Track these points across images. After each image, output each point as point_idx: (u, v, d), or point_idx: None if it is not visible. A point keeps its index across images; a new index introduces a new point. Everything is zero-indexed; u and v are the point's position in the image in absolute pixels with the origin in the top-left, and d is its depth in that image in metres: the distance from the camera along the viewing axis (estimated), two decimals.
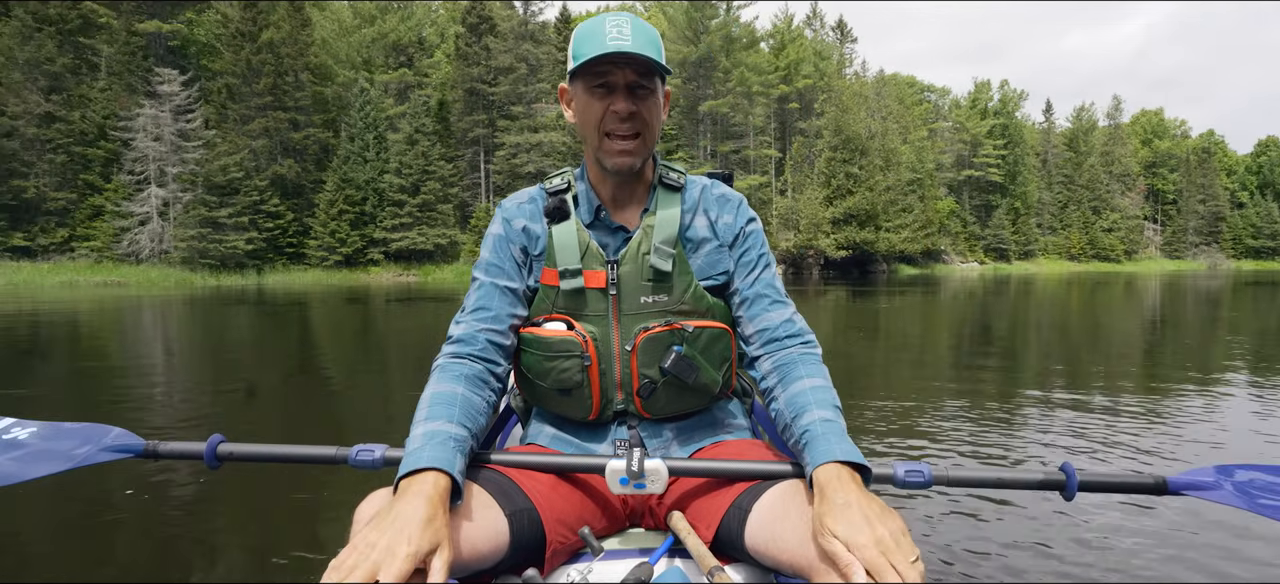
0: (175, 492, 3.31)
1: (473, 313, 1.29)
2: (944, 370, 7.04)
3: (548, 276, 1.30)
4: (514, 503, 1.08)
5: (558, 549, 1.12)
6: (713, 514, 1.13)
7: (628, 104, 1.23)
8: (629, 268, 1.28)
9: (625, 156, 1.26)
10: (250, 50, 40.37)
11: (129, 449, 1.29)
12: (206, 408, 5.31)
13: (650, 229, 1.29)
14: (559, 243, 1.29)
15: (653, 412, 1.30)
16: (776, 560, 1.01)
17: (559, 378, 1.27)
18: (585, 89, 1.25)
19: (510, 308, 1.30)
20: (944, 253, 61.33)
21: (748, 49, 53.09)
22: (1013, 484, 1.16)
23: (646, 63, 1.22)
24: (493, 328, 1.27)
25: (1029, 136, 74.02)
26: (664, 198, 1.32)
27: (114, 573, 2.51)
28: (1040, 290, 25.71)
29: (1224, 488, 1.12)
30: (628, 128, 1.24)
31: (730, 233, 1.35)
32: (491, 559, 1.03)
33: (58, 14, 37.60)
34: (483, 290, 1.30)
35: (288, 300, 20.91)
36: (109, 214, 37.36)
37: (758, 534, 1.04)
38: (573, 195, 1.34)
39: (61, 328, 12.52)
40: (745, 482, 1.13)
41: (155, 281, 33.92)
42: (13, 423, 1.35)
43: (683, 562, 1.11)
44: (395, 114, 45.54)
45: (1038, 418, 4.74)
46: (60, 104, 36.94)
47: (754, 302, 1.33)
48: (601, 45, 1.19)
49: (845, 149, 50.61)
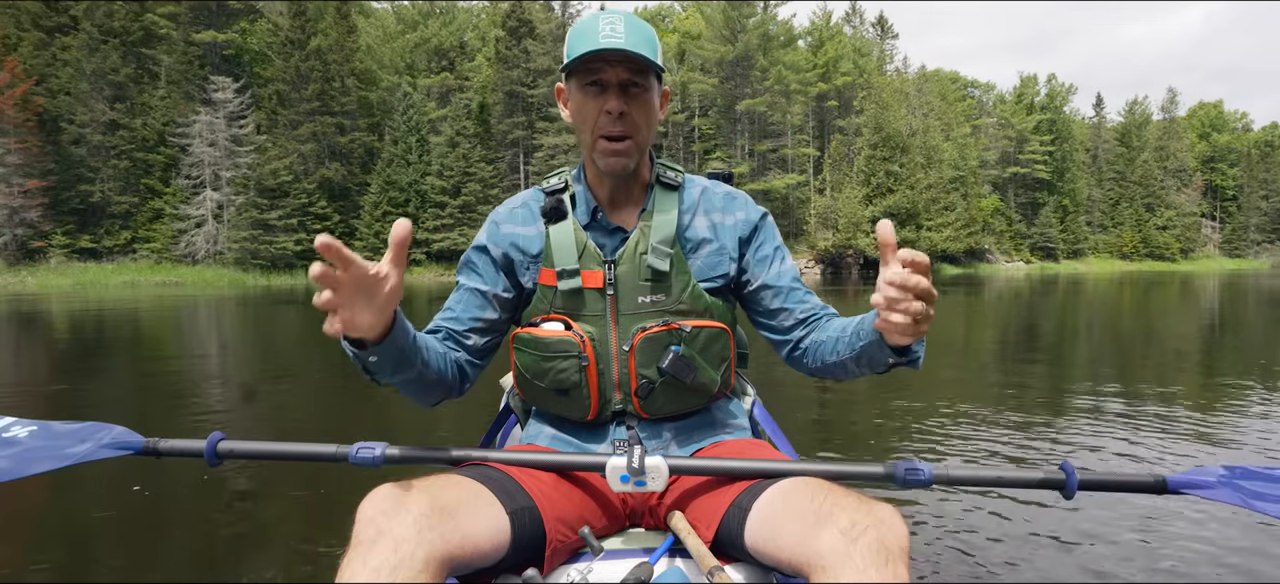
0: (175, 490, 3.32)
1: (444, 312, 1.37)
2: (981, 371, 6.95)
3: (545, 277, 1.30)
4: (515, 501, 1.09)
5: (558, 548, 1.12)
6: (713, 514, 1.13)
7: (620, 102, 1.23)
8: (626, 268, 1.28)
9: (617, 157, 1.25)
10: (299, 57, 41.79)
11: (129, 447, 1.28)
12: (257, 404, 5.65)
13: (647, 229, 1.29)
14: (556, 243, 1.29)
15: (651, 412, 1.30)
16: (776, 560, 1.01)
17: (557, 378, 1.27)
18: (579, 87, 1.25)
19: (476, 310, 1.35)
20: (988, 252, 60.04)
21: (785, 47, 52.74)
22: (1013, 483, 1.16)
23: (638, 61, 1.21)
24: (452, 327, 1.35)
25: (1078, 132, 71.95)
26: (661, 198, 1.32)
27: (114, 573, 2.49)
28: (1090, 290, 24.79)
29: (1224, 487, 1.11)
30: (620, 127, 1.24)
31: (742, 230, 1.36)
32: (493, 557, 1.03)
33: (122, 26, 39.48)
34: (456, 293, 1.38)
35: None
36: (168, 217, 39.14)
37: (758, 534, 1.04)
38: (570, 196, 1.35)
39: (124, 327, 13.32)
40: (745, 481, 1.13)
41: (210, 281, 35.41)
42: (12, 422, 1.34)
43: (683, 561, 1.11)
44: (437, 117, 46.57)
45: (1077, 422, 4.54)
46: (123, 112, 38.82)
47: (788, 292, 1.36)
48: (594, 42, 1.19)
49: (885, 146, 49.95)
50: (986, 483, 1.15)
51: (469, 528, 0.98)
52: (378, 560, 0.87)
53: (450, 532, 0.94)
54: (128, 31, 39.77)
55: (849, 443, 4.20)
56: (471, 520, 0.99)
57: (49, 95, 37.20)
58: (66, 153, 37.51)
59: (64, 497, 3.20)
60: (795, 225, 52.12)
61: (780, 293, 1.36)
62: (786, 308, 1.36)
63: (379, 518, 0.91)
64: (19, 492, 3.19)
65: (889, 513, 0.92)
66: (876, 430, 4.43)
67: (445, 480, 1.04)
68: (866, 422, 4.69)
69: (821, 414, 4.90)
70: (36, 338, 11.34)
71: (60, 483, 3.25)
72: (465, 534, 0.97)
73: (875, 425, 4.56)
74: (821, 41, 57.69)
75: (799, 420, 4.67)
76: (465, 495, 1.02)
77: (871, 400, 5.30)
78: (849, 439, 4.30)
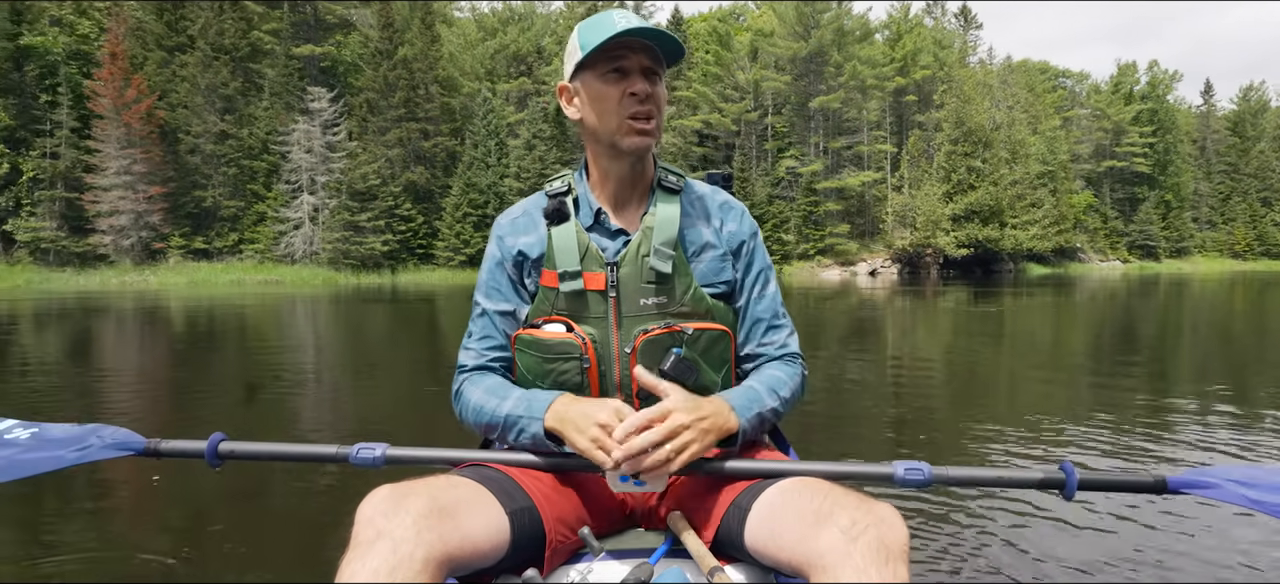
0: (175, 490, 3.37)
1: (479, 340, 1.36)
2: (1071, 376, 6.72)
3: (547, 279, 1.31)
4: (515, 501, 1.10)
5: (558, 548, 1.13)
6: (712, 514, 1.14)
7: (645, 85, 1.25)
8: (628, 270, 1.28)
9: (644, 137, 1.27)
10: (387, 67, 44.30)
11: (129, 447, 1.29)
12: (350, 406, 6.19)
13: (650, 231, 1.29)
14: (558, 245, 1.30)
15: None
16: (776, 560, 1.01)
17: (558, 380, 1.27)
18: (598, 77, 1.26)
19: (512, 331, 1.35)
20: (1080, 251, 57.04)
21: (861, 42, 51.73)
22: (1012, 483, 1.17)
23: (663, 42, 1.26)
24: (502, 355, 1.35)
25: (1183, 122, 67.28)
26: (663, 200, 1.33)
27: (115, 574, 2.51)
28: (1196, 291, 23.13)
29: (1224, 487, 1.11)
30: (646, 108, 1.26)
31: (733, 242, 1.37)
32: (492, 557, 1.03)
33: (231, 43, 42.96)
34: (485, 319, 1.36)
35: (417, 297, 22.99)
36: (270, 220, 42.28)
37: (757, 534, 1.05)
38: (573, 198, 1.35)
39: (230, 320, 14.80)
40: (745, 481, 1.14)
41: (306, 280, 38.12)
42: (14, 424, 1.35)
43: (683, 562, 1.11)
44: (515, 121, 48.22)
45: (1177, 431, 4.28)
46: (232, 123, 42.23)
47: (754, 325, 1.37)
48: (613, 29, 1.21)
49: (966, 141, 48.26)
50: (986, 483, 1.17)
51: (468, 528, 0.99)
52: (376, 561, 0.88)
53: (449, 532, 0.95)
54: (237, 48, 43.19)
55: (849, 445, 4.23)
56: (471, 521, 1.00)
57: (169, 109, 40.95)
58: (183, 161, 41.24)
59: (64, 497, 3.22)
60: (871, 224, 51.10)
61: (747, 325, 1.38)
62: (743, 336, 1.38)
63: (377, 519, 0.93)
64: (20, 492, 3.22)
65: (889, 512, 0.93)
66: (876, 432, 4.48)
67: (444, 481, 1.05)
68: (867, 423, 4.75)
69: (821, 415, 4.91)
70: (159, 331, 12.85)
71: (61, 483, 3.28)
72: (464, 535, 0.98)
73: (874, 426, 4.61)
74: (900, 35, 56.17)
75: (799, 421, 4.59)
76: (464, 496, 1.03)
77: (870, 401, 5.33)
78: (849, 440, 4.34)
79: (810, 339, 10.68)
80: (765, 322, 1.37)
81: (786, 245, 46.61)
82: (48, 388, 6.51)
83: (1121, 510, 2.87)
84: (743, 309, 1.37)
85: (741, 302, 1.37)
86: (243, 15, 44.08)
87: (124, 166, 38.40)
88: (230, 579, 2.43)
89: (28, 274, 36.01)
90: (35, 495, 3.21)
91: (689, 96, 49.66)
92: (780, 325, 1.39)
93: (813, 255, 47.01)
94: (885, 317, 14.86)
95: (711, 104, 50.30)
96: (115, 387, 6.69)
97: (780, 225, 47.19)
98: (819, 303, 19.17)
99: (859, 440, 4.35)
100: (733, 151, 49.70)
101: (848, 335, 11.07)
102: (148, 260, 39.28)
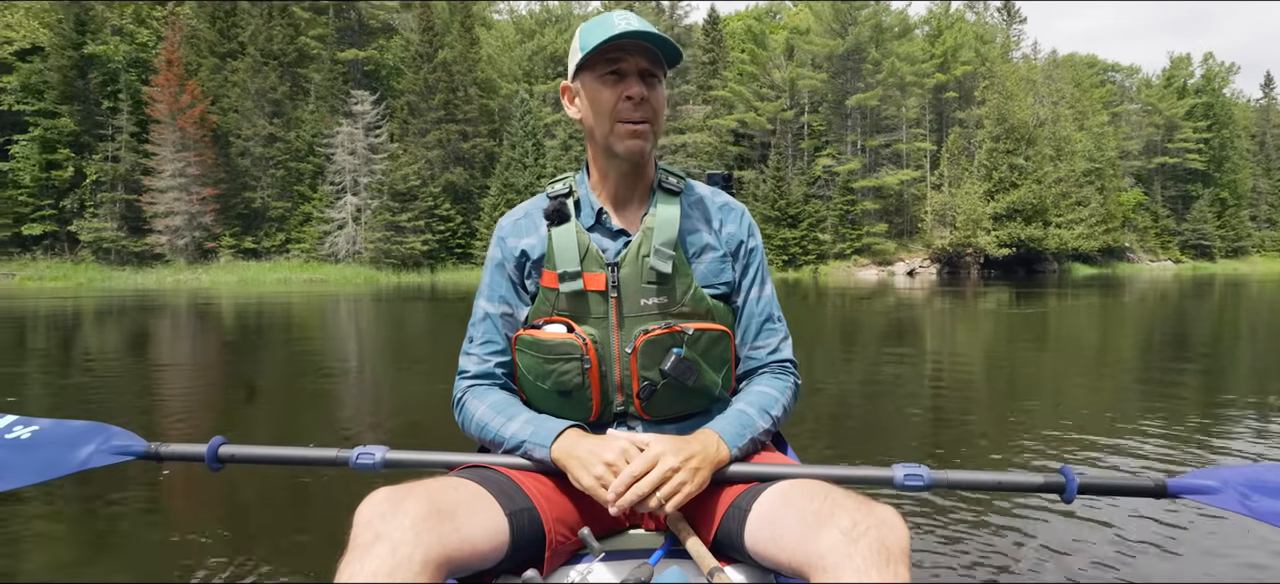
0: (175, 490, 3.40)
1: (481, 345, 1.36)
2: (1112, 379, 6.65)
3: (547, 279, 1.31)
4: (514, 502, 1.10)
5: (557, 549, 1.13)
6: (712, 515, 1.14)
7: (641, 88, 1.25)
8: (629, 270, 1.28)
9: (638, 140, 1.27)
10: (427, 70, 45.31)
11: (130, 452, 1.28)
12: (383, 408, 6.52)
13: (650, 231, 1.29)
14: (559, 246, 1.30)
15: (653, 414, 1.30)
16: (776, 561, 1.01)
17: (559, 380, 1.28)
18: (596, 78, 1.27)
19: (513, 333, 1.36)
20: (1129, 250, 55.33)
21: (900, 38, 50.97)
22: (1012, 487, 1.17)
23: (660, 45, 1.25)
24: (503, 360, 1.36)
25: (1240, 116, 64.73)
26: (663, 201, 1.33)
27: (115, 575, 2.52)
28: (1254, 292, 22.10)
29: (1223, 492, 1.11)
30: (641, 112, 1.26)
31: (732, 243, 1.38)
32: (492, 558, 1.03)
33: (279, 49, 44.44)
34: (486, 323, 1.37)
35: (455, 296, 23.49)
36: (315, 220, 43.60)
37: (757, 534, 1.05)
38: (574, 199, 1.36)
39: (277, 316, 15.45)
40: (745, 482, 1.15)
41: (349, 279, 39.20)
42: (15, 421, 1.34)
43: (683, 562, 1.11)
44: (551, 122, 48.77)
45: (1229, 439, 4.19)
46: (280, 126, 43.68)
47: (749, 326, 1.38)
48: (611, 30, 1.22)
49: (1009, 139, 47.19)
50: (986, 487, 1.17)
51: (467, 529, 0.99)
52: (375, 563, 0.88)
53: (448, 533, 0.95)
54: (284, 53, 44.64)
55: (850, 445, 4.25)
56: (470, 522, 1.01)
57: (221, 113, 42.57)
58: (234, 164, 42.84)
59: (64, 497, 3.27)
60: (909, 223, 50.35)
61: (743, 326, 1.39)
62: (739, 338, 1.39)
63: (376, 521, 0.93)
64: (20, 491, 3.47)
65: (890, 514, 0.94)
66: (877, 433, 4.47)
67: (443, 483, 1.06)
68: (868, 424, 4.74)
69: (822, 417, 4.90)
70: (212, 326, 13.53)
71: (60, 483, 3.26)
72: (464, 536, 0.98)
73: (876, 427, 4.60)
74: (940, 30, 55.18)
75: (799, 423, 4.59)
76: (463, 497, 1.04)
77: (872, 402, 5.33)
78: (850, 441, 4.35)
79: (843, 340, 10.75)
80: (759, 323, 1.39)
81: (823, 245, 46.21)
82: (97, 386, 6.65)
83: (1122, 513, 2.89)
84: (741, 309, 1.39)
85: (739, 301, 1.38)
86: (291, 21, 45.53)
87: (179, 169, 40.13)
88: (230, 580, 2.42)
89: (90, 272, 37.96)
90: (36, 495, 3.23)
91: (724, 96, 49.55)
92: (775, 328, 1.40)
93: (849, 255, 46.53)
94: (923, 318, 14.62)
95: (747, 103, 50.12)
96: (173, 381, 7.15)
97: (817, 224, 46.81)
98: (854, 303, 19.05)
99: (875, 441, 4.37)
100: (768, 150, 49.42)
101: (883, 337, 11.01)
102: (200, 259, 40.93)
